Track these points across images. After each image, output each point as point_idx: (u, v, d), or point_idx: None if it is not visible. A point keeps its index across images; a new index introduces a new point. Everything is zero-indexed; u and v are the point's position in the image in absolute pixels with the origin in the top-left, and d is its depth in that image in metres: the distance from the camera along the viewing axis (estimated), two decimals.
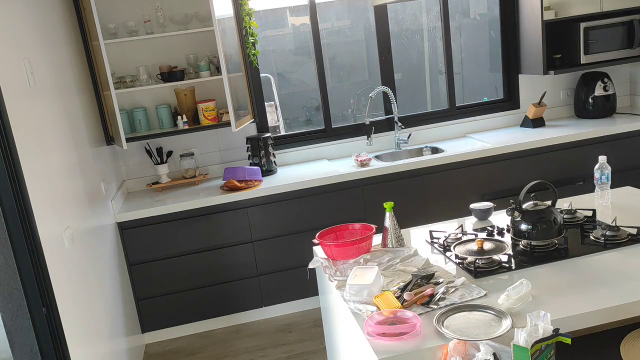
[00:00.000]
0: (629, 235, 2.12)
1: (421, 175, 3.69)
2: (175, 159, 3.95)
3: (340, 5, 4.78)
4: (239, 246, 3.60)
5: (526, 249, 2.12)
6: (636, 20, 3.91)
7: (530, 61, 4.10)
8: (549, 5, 3.87)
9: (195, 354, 3.50)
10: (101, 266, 2.89)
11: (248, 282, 3.67)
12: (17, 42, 2.22)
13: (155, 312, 3.61)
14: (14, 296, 2.02)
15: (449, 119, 4.32)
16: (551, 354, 1.49)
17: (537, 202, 2.16)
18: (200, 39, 3.72)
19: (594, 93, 4.18)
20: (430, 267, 2.09)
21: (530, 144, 3.79)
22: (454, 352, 1.54)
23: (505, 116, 4.38)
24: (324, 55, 4.11)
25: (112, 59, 3.52)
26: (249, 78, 3.82)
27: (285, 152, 4.10)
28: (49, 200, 2.24)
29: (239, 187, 3.53)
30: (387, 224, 2.31)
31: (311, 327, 3.59)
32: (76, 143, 2.83)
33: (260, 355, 3.38)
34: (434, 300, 1.81)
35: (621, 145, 3.86)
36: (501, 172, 3.79)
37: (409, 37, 4.99)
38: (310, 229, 3.59)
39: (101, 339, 2.68)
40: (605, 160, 2.58)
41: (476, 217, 2.56)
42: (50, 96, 2.52)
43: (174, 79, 3.63)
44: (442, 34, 4.26)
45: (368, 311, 1.79)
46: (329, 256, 2.28)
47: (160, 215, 3.44)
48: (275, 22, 4.81)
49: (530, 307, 1.71)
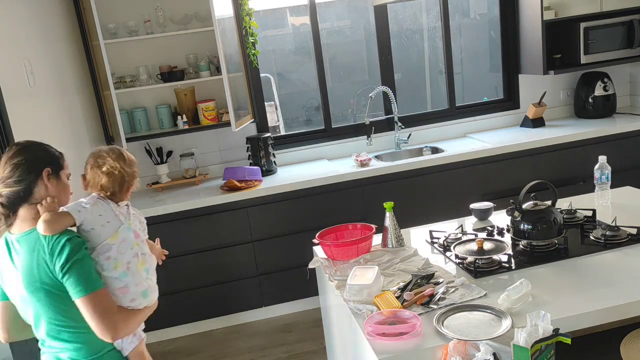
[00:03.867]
0: (629, 235, 2.11)
1: (421, 175, 3.69)
2: (175, 159, 3.95)
3: (340, 5, 4.78)
4: (239, 246, 3.60)
5: (526, 249, 2.12)
6: (636, 20, 3.91)
7: (530, 61, 4.10)
8: (549, 5, 3.87)
9: (195, 354, 3.50)
10: None
11: (248, 282, 3.67)
12: (17, 42, 2.22)
13: (155, 312, 3.60)
14: None
15: (449, 119, 4.31)
16: (551, 354, 1.49)
17: (537, 202, 2.16)
18: (200, 39, 3.72)
19: (594, 93, 4.18)
20: (430, 267, 2.09)
21: (530, 144, 3.78)
22: (454, 352, 1.54)
23: (505, 116, 4.38)
24: (324, 55, 4.11)
25: (112, 59, 3.52)
26: (249, 78, 3.82)
27: (285, 152, 4.10)
28: None
29: (239, 187, 3.53)
30: (387, 224, 2.31)
31: (311, 327, 3.59)
32: (76, 143, 2.83)
33: (260, 355, 3.38)
34: (434, 300, 1.81)
35: (621, 145, 3.86)
36: (501, 172, 3.79)
37: (409, 37, 5.00)
38: (310, 229, 3.58)
39: None
40: (605, 160, 2.58)
41: (476, 217, 2.56)
42: (50, 96, 2.52)
43: (174, 79, 3.63)
44: (442, 34, 4.26)
45: (368, 311, 1.79)
46: (329, 256, 2.28)
47: (160, 215, 3.44)
48: (275, 22, 4.81)
49: (530, 307, 1.71)
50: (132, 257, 1.73)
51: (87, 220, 1.67)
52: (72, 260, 1.58)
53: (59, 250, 1.58)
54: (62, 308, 1.63)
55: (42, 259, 1.59)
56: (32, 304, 1.65)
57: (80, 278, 1.58)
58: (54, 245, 1.58)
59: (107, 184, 1.75)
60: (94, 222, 1.68)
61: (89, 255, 1.64)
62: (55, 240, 1.59)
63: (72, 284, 1.58)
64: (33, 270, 1.60)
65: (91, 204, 1.70)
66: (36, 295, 1.62)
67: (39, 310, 1.65)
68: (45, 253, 1.59)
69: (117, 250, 1.69)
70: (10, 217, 1.66)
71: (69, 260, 1.57)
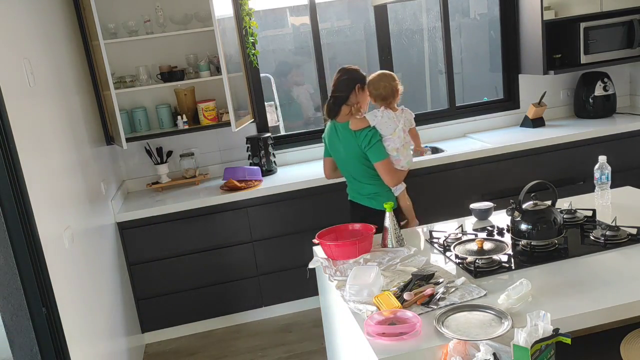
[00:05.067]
0: (629, 235, 2.12)
1: (421, 175, 3.69)
2: (175, 159, 3.95)
3: (340, 5, 4.78)
4: (239, 246, 3.60)
5: (526, 249, 2.12)
6: (636, 20, 3.91)
7: (530, 61, 4.10)
8: (549, 5, 3.87)
9: (195, 354, 3.50)
10: (101, 266, 2.89)
11: (248, 282, 3.67)
12: (17, 42, 2.22)
13: (155, 312, 3.61)
14: (14, 296, 2.02)
15: (449, 118, 4.31)
16: (551, 354, 1.49)
17: (537, 202, 2.16)
18: (200, 39, 3.72)
19: (593, 93, 4.18)
20: (430, 267, 2.09)
21: (530, 144, 3.78)
22: (454, 352, 1.54)
23: (505, 116, 4.38)
24: (324, 55, 4.11)
25: (112, 59, 3.51)
26: (249, 78, 3.82)
27: (285, 152, 4.10)
28: (49, 200, 2.24)
29: (238, 187, 3.53)
30: (387, 224, 2.31)
31: (311, 327, 3.59)
32: (76, 143, 2.82)
33: (260, 355, 3.38)
34: (434, 300, 1.81)
35: (621, 145, 3.86)
36: (501, 172, 3.79)
37: (409, 37, 4.99)
38: (310, 229, 3.57)
39: (101, 339, 2.68)
40: (605, 160, 2.58)
41: (476, 217, 2.56)
42: (50, 96, 2.52)
43: (174, 79, 3.63)
44: (442, 34, 4.26)
45: (368, 311, 1.79)
46: (329, 256, 2.28)
47: (160, 215, 3.44)
48: (275, 22, 4.81)
49: (530, 307, 1.71)
50: (401, 145, 2.86)
51: (378, 123, 2.81)
52: (371, 143, 2.80)
53: (364, 137, 2.80)
54: (365, 167, 2.88)
55: (355, 141, 2.83)
56: (348, 162, 2.94)
57: (376, 152, 2.81)
58: (361, 134, 2.81)
59: (388, 99, 2.85)
60: (381, 124, 2.82)
61: (380, 141, 2.83)
62: (362, 131, 2.81)
63: (372, 155, 2.82)
64: (349, 146, 2.87)
65: (380, 113, 2.83)
66: (352, 159, 2.90)
67: (352, 166, 2.93)
68: (356, 138, 2.82)
69: (393, 141, 2.84)
70: (336, 111, 2.90)
71: (370, 143, 2.80)
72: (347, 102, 2.86)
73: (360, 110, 2.88)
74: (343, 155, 2.93)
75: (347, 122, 2.85)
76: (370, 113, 2.84)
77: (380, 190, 2.91)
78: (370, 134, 2.79)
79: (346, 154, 2.91)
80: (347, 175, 3.02)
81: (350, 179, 3.02)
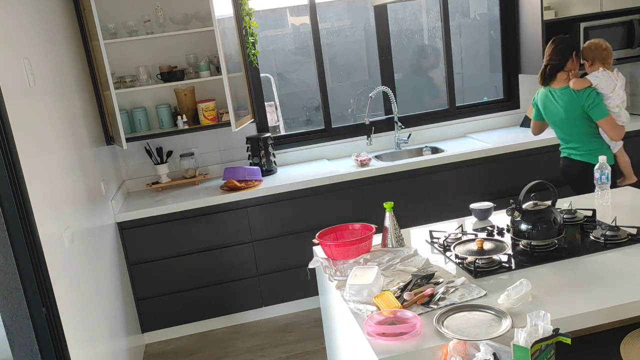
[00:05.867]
0: (628, 235, 2.12)
1: (421, 175, 3.69)
2: (175, 158, 3.95)
3: (340, 5, 4.77)
4: (239, 246, 3.60)
5: (526, 249, 2.12)
6: (636, 20, 3.91)
7: (530, 61, 4.10)
8: (549, 5, 3.87)
9: (195, 354, 3.50)
10: (101, 266, 2.89)
11: (248, 282, 3.67)
12: (17, 42, 2.22)
13: (155, 312, 3.61)
14: (14, 296, 2.02)
15: (449, 119, 4.32)
16: (551, 354, 1.49)
17: (537, 202, 2.16)
18: (200, 39, 3.72)
19: None
20: (430, 267, 2.09)
21: (530, 144, 3.79)
22: (454, 352, 1.54)
23: (505, 116, 4.38)
24: (324, 55, 4.11)
25: (112, 59, 3.51)
26: (249, 78, 3.82)
27: (285, 152, 4.10)
28: (49, 200, 2.24)
29: (239, 187, 3.53)
30: (387, 224, 2.31)
31: (311, 327, 3.59)
32: (76, 143, 2.82)
33: (260, 355, 3.38)
34: (434, 300, 1.81)
35: None
36: (501, 172, 3.79)
37: (409, 37, 4.99)
38: (310, 229, 3.59)
39: (101, 338, 2.68)
40: (605, 160, 2.58)
41: (476, 217, 2.56)
42: (50, 96, 2.52)
43: (174, 79, 3.63)
44: (442, 34, 4.26)
45: (368, 311, 1.79)
46: (329, 256, 2.28)
47: (160, 215, 3.44)
48: (275, 22, 4.81)
49: (530, 307, 1.71)
50: (621, 101, 3.12)
51: (599, 83, 3.08)
52: (594, 101, 3.06)
53: (586, 97, 3.07)
54: (586, 126, 3.15)
55: (577, 101, 3.10)
56: (568, 122, 3.19)
57: (598, 110, 3.08)
58: (583, 94, 3.08)
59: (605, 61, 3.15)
60: (602, 84, 3.08)
61: (602, 100, 3.08)
62: (584, 92, 3.08)
63: (595, 113, 3.08)
64: (570, 107, 3.13)
65: (599, 74, 3.09)
66: (573, 119, 3.16)
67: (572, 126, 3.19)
68: (579, 98, 3.09)
69: (613, 99, 3.10)
70: (552, 78, 3.19)
71: (593, 102, 3.06)
72: (565, 68, 3.15)
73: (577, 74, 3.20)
74: (563, 117, 3.18)
75: (564, 86, 3.15)
76: (591, 74, 3.11)
77: (599, 147, 3.16)
78: (594, 94, 3.06)
79: (567, 115, 3.15)
80: (563, 135, 3.29)
81: (566, 139, 3.29)
